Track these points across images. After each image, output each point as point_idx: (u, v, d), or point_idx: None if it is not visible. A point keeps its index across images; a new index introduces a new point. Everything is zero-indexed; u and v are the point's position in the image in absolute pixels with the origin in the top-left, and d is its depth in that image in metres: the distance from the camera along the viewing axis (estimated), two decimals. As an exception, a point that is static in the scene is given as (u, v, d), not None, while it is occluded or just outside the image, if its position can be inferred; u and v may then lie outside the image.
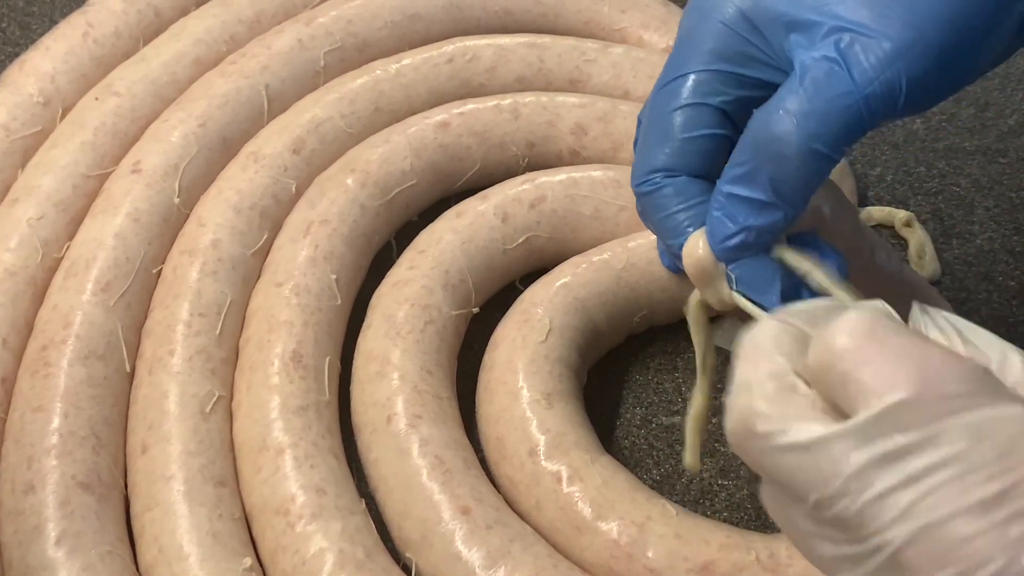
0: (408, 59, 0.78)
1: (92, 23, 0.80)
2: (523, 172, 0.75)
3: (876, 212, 0.78)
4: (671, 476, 0.68)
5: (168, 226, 0.71)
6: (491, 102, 0.75)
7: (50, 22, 0.88)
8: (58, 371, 0.64)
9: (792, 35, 0.50)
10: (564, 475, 0.61)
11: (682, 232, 0.55)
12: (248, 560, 0.59)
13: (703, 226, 0.54)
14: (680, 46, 0.55)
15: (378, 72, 0.78)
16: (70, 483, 0.60)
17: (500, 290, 0.72)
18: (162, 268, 0.70)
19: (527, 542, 0.59)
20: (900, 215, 0.77)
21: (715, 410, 0.70)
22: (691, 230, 0.55)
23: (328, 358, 0.66)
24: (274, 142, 0.74)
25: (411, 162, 0.73)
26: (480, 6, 0.82)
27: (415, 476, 0.61)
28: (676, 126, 0.54)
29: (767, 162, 0.50)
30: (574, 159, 0.75)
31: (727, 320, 0.71)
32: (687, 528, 0.60)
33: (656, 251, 0.68)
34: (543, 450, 0.62)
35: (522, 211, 0.71)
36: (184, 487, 0.61)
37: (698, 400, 0.59)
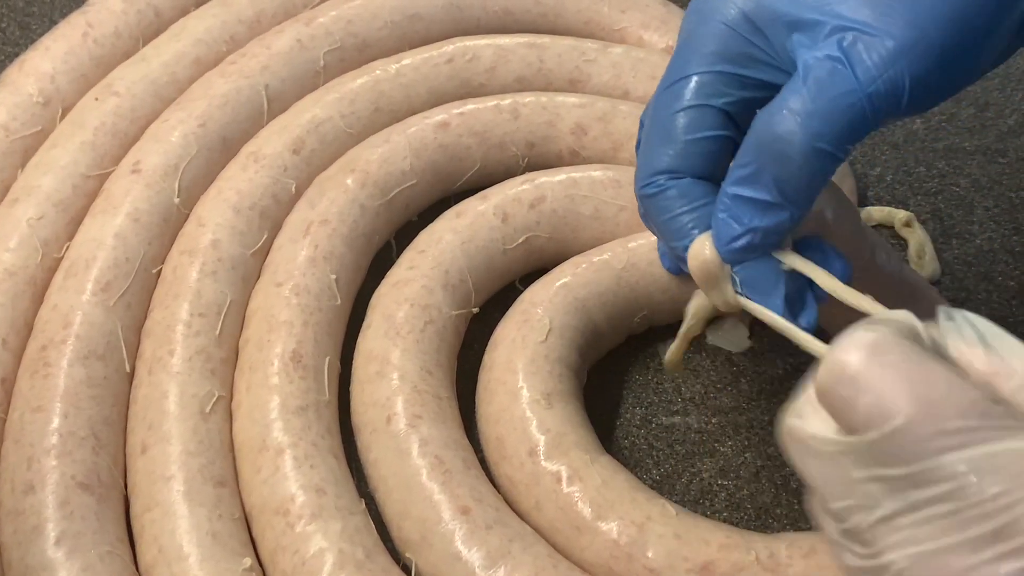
0: (408, 59, 0.78)
1: (92, 23, 0.80)
2: (523, 172, 0.75)
3: (876, 212, 0.78)
4: (671, 476, 0.68)
5: (168, 226, 0.71)
6: (491, 102, 0.75)
7: (50, 22, 0.88)
8: (58, 371, 0.64)
9: (794, 35, 0.50)
10: (564, 475, 0.61)
11: (687, 234, 0.55)
12: (248, 560, 0.59)
13: (707, 228, 0.54)
14: (682, 48, 0.55)
15: (378, 72, 0.78)
16: (70, 483, 0.60)
17: (500, 290, 0.72)
18: (162, 268, 0.70)
19: (527, 542, 0.59)
20: (900, 215, 0.77)
21: (714, 410, 0.71)
22: (696, 232, 0.55)
23: (328, 358, 0.66)
24: (274, 142, 0.74)
25: (411, 162, 0.73)
26: (480, 6, 0.82)
27: (415, 476, 0.61)
28: (679, 128, 0.54)
29: (771, 162, 0.50)
30: (574, 159, 0.75)
31: (727, 320, 0.71)
32: (687, 528, 0.60)
33: (656, 251, 0.68)
34: (543, 450, 0.62)
35: (522, 211, 0.71)
36: (184, 487, 0.61)
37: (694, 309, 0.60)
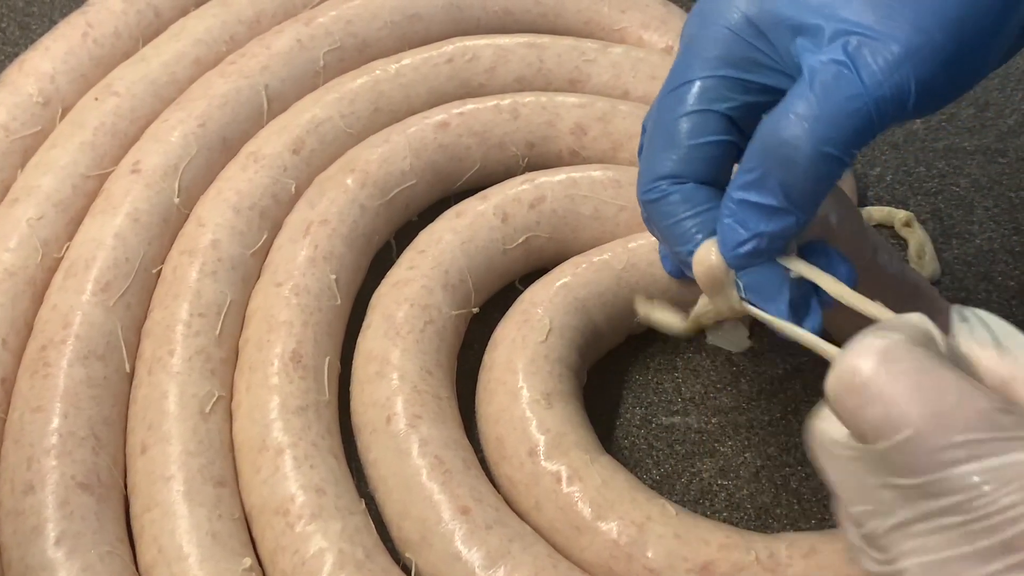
0: (408, 59, 0.78)
1: (92, 23, 0.80)
2: (523, 172, 0.75)
3: (876, 212, 0.78)
4: (671, 476, 0.68)
5: (168, 226, 0.71)
6: (491, 102, 0.75)
7: (50, 22, 0.88)
8: (57, 371, 0.64)
9: (798, 39, 0.50)
10: (564, 475, 0.61)
11: (690, 239, 0.55)
12: (248, 560, 0.59)
13: (711, 233, 0.54)
14: (685, 52, 0.55)
15: (378, 72, 0.78)
16: (70, 483, 0.60)
17: (500, 290, 0.72)
18: (162, 268, 0.70)
19: (526, 542, 0.59)
20: (900, 215, 0.77)
21: (714, 410, 0.71)
22: (699, 237, 0.54)
23: (328, 358, 0.66)
24: (274, 142, 0.74)
25: (411, 162, 0.73)
26: (480, 6, 0.82)
27: (415, 476, 0.61)
28: (682, 133, 0.54)
29: (777, 167, 0.50)
30: (574, 159, 0.75)
31: (727, 322, 0.71)
32: (687, 528, 0.60)
33: (656, 252, 0.68)
34: (543, 450, 0.62)
35: (522, 211, 0.71)
36: (184, 487, 0.61)
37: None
